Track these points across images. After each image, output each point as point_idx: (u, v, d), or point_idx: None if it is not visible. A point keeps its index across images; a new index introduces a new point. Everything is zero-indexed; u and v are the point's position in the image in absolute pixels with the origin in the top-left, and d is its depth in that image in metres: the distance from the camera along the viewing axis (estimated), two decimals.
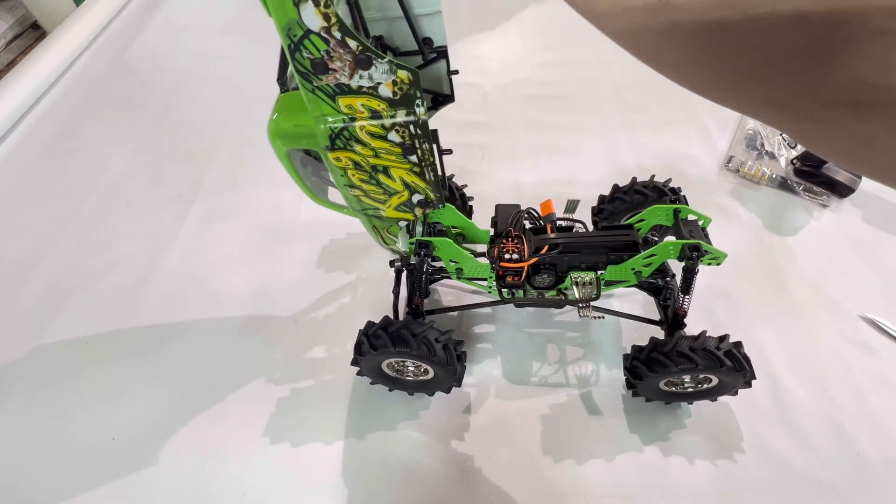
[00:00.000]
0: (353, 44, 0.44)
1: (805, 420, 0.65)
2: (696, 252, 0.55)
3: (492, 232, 0.62)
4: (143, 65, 1.25)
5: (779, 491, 0.60)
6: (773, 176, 0.93)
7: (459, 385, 0.63)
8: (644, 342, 0.60)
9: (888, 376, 0.69)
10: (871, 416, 0.65)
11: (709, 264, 0.56)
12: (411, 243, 0.59)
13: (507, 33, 1.33)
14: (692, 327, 0.61)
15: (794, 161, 0.92)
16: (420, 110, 0.51)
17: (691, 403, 0.65)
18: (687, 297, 0.59)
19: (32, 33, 1.48)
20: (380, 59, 0.46)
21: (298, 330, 0.74)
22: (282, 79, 0.55)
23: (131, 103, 1.14)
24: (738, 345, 0.56)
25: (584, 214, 0.65)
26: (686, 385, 0.62)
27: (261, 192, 0.94)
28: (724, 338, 0.56)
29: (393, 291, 0.65)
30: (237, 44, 1.30)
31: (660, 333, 0.65)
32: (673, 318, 0.62)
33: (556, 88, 1.15)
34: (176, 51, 1.28)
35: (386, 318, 0.58)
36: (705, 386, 0.61)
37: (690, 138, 1.03)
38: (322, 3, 0.41)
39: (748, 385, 0.58)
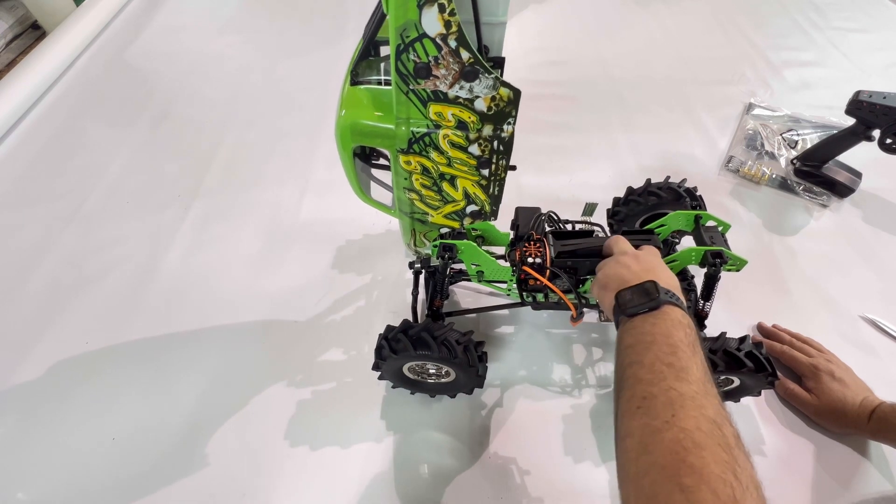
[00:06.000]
0: (465, 55, 0.44)
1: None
2: (718, 259, 0.55)
3: (512, 235, 0.61)
4: (142, 65, 1.25)
5: (780, 491, 0.60)
6: (773, 176, 0.93)
7: (471, 392, 0.63)
8: None
9: (888, 376, 0.69)
10: None
11: (728, 270, 0.57)
12: (434, 246, 0.58)
13: (507, 33, 1.32)
14: None
15: (794, 161, 0.92)
16: (509, 128, 0.51)
17: None
18: (708, 302, 0.59)
19: (32, 33, 1.48)
20: (487, 74, 0.46)
21: (312, 332, 0.74)
22: (354, 70, 0.54)
23: (131, 103, 1.14)
24: (759, 345, 0.55)
25: (598, 217, 0.65)
26: None
27: (261, 192, 0.93)
28: (744, 339, 0.55)
29: (412, 294, 0.65)
30: (237, 44, 1.30)
31: None
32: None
33: (556, 88, 1.15)
34: (176, 51, 1.28)
35: (427, 321, 0.58)
36: (727, 388, 0.60)
37: (690, 138, 1.03)
38: (447, 10, 0.41)
39: (770, 385, 0.57)
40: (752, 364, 0.54)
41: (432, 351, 0.54)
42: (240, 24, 1.39)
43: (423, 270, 0.64)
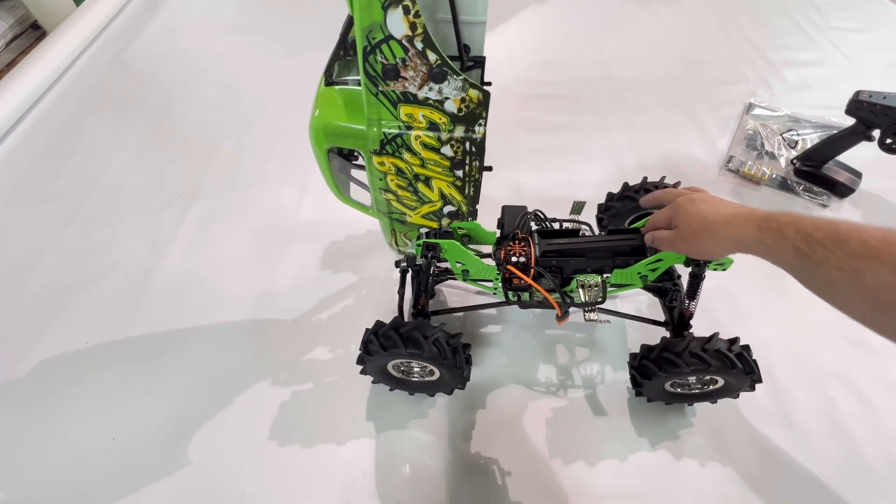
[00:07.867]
0: (432, 56, 0.44)
1: (805, 420, 0.65)
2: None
3: (498, 233, 0.61)
4: (143, 65, 1.25)
5: (779, 491, 0.60)
6: (773, 176, 0.93)
7: (463, 388, 0.63)
8: (648, 342, 0.60)
9: (888, 376, 0.69)
10: (871, 416, 0.65)
11: (715, 269, 0.56)
12: (418, 245, 0.58)
13: (507, 33, 1.33)
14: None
15: (794, 161, 0.92)
16: (481, 129, 0.51)
17: (691, 405, 0.65)
18: (693, 302, 0.59)
19: (32, 33, 1.48)
20: (455, 76, 0.46)
21: (301, 331, 0.74)
22: (328, 71, 0.54)
23: (131, 103, 1.14)
24: (747, 348, 0.56)
25: (587, 215, 0.65)
26: (692, 386, 0.62)
27: (260, 192, 0.94)
28: (734, 340, 0.56)
29: (398, 292, 0.65)
30: (237, 44, 1.30)
31: (665, 335, 0.64)
32: (679, 320, 0.62)
33: (556, 88, 1.15)
34: (176, 51, 1.28)
35: (396, 318, 0.58)
36: (710, 388, 0.61)
37: (690, 138, 1.03)
38: (412, 12, 0.41)
39: (752, 388, 0.58)
40: (742, 366, 0.54)
41: (423, 350, 0.54)
42: (240, 24, 1.39)
43: (410, 269, 0.63)
